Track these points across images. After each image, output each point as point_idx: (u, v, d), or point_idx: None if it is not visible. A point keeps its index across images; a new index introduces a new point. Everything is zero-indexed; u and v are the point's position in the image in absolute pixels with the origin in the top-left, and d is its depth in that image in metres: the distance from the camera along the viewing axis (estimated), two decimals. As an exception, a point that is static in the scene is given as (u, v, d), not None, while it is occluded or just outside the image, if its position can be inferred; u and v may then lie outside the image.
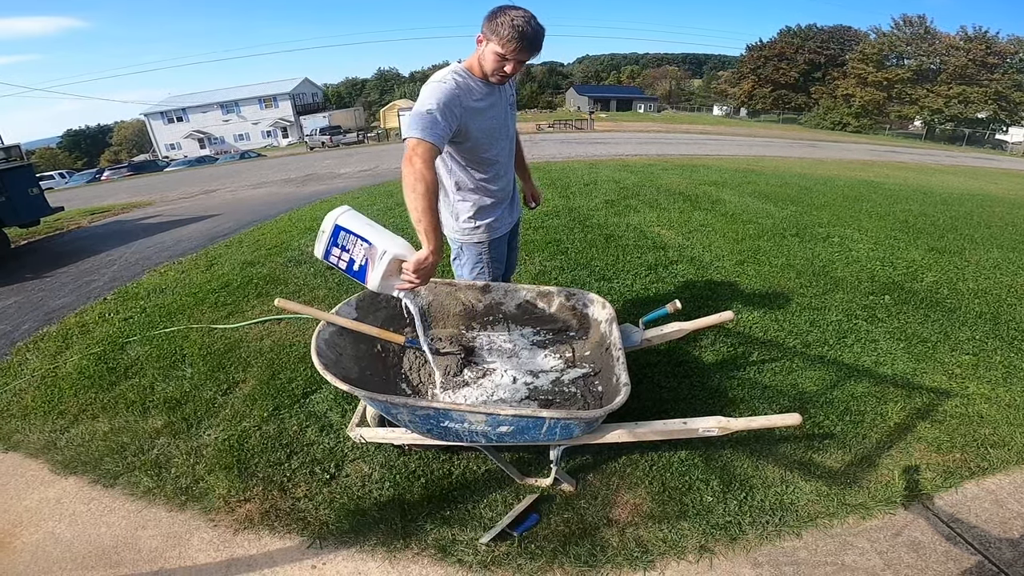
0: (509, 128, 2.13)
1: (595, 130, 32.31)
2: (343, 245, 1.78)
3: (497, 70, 1.83)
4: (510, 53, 1.77)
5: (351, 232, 1.76)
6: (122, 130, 72.47)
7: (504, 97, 2.04)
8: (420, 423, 1.77)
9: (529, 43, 1.76)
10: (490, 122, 1.98)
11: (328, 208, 2.04)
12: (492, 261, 2.27)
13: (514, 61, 1.80)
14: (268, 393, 2.73)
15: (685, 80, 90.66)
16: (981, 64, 40.09)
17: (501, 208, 2.19)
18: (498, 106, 2.00)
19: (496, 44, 1.76)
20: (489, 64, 1.83)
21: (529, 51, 1.79)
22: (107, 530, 2.01)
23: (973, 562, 1.75)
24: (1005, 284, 4.03)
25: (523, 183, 2.54)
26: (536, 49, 1.80)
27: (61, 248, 7.18)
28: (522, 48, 1.76)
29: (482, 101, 1.91)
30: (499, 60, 1.80)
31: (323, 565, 1.81)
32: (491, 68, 1.83)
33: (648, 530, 1.87)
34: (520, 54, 1.78)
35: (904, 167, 15.66)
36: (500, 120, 2.03)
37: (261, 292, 4.15)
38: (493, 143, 2.03)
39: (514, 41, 1.74)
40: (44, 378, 3.10)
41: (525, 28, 1.73)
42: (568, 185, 7.97)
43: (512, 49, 1.75)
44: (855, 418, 2.42)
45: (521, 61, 1.82)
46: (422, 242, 1.67)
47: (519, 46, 1.75)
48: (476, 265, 2.27)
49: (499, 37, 1.74)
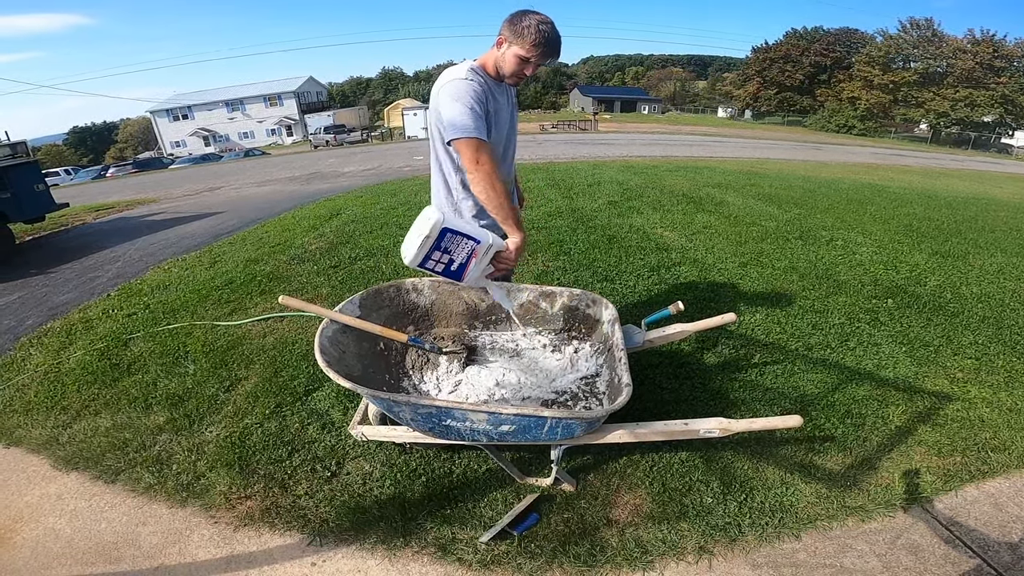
0: (514, 129, 2.15)
1: (599, 131, 32.31)
2: (446, 248, 1.79)
3: (517, 72, 1.87)
4: (535, 57, 1.82)
5: (458, 232, 1.78)
6: (127, 127, 72.61)
7: (510, 98, 2.07)
8: (422, 421, 1.78)
9: (552, 47, 1.81)
10: (503, 121, 2.00)
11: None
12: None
13: (535, 64, 1.85)
14: (270, 390, 2.74)
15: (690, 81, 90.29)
16: (988, 67, 39.86)
17: None
18: (507, 107, 2.03)
19: (519, 47, 1.80)
20: (509, 66, 1.86)
21: (552, 55, 1.84)
22: (107, 526, 2.02)
23: (972, 565, 1.75)
24: (1009, 289, 4.01)
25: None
26: (558, 54, 1.85)
27: (66, 244, 7.21)
28: (546, 52, 1.81)
29: (497, 101, 1.94)
30: (521, 63, 1.84)
31: (323, 563, 1.81)
32: (511, 70, 1.87)
33: (648, 530, 1.87)
34: (543, 58, 1.83)
35: (909, 170, 15.61)
36: (508, 121, 2.06)
37: (264, 289, 4.17)
38: (501, 142, 2.06)
39: (540, 46, 1.79)
40: (47, 373, 3.12)
41: (550, 33, 1.78)
42: (571, 186, 7.97)
43: (538, 53, 1.80)
44: (856, 421, 2.42)
45: (540, 64, 1.86)
46: (510, 232, 1.86)
47: (544, 51, 1.80)
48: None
49: (524, 40, 1.79)
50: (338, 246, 5.26)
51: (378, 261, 4.67)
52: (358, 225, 6.10)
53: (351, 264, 4.67)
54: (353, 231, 5.85)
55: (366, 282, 4.13)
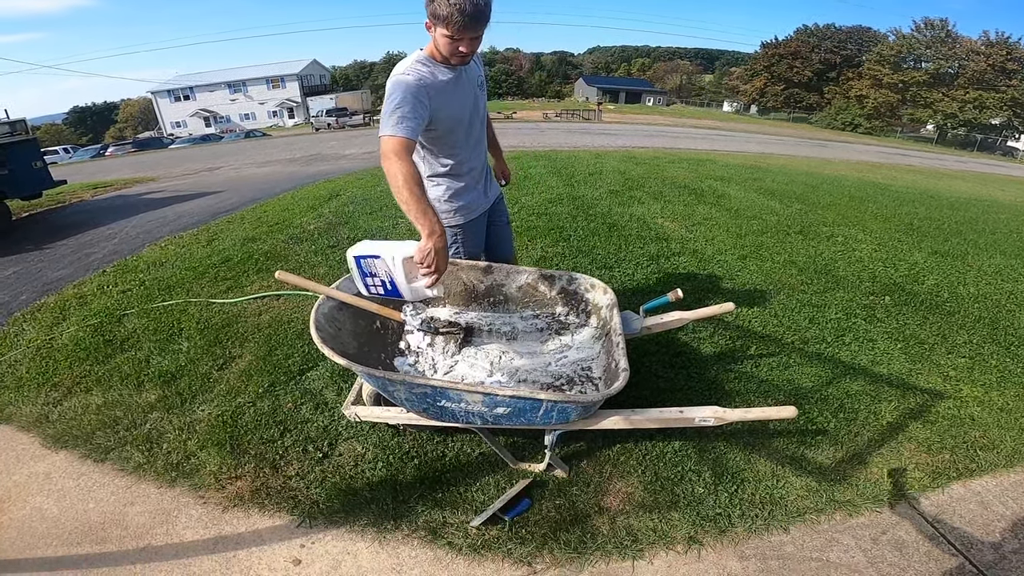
0: (480, 110, 2.11)
1: (602, 121, 32.11)
2: (368, 271, 1.82)
3: (452, 52, 1.79)
4: (456, 33, 1.71)
5: (365, 256, 1.79)
6: (128, 107, 72.07)
7: (471, 78, 2.01)
8: (417, 401, 1.77)
9: (472, 18, 1.68)
10: (459, 105, 1.96)
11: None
12: (467, 243, 2.28)
13: (466, 39, 1.75)
14: (264, 369, 2.73)
15: (696, 75, 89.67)
16: (1000, 70, 39.64)
17: (474, 191, 2.20)
18: (465, 88, 1.97)
19: (441, 27, 1.71)
20: (443, 48, 1.79)
21: (475, 26, 1.72)
22: (95, 506, 2.01)
23: (954, 564, 1.75)
24: (1006, 290, 4.01)
25: (495, 160, 2.53)
26: (482, 20, 1.72)
27: (62, 221, 7.16)
28: (466, 25, 1.69)
29: (448, 85, 1.88)
30: (450, 42, 1.75)
31: (312, 544, 1.81)
32: (447, 52, 1.79)
33: (639, 519, 1.88)
34: (466, 31, 1.72)
35: (913, 170, 15.55)
36: (469, 102, 2.01)
37: (261, 268, 4.15)
38: (463, 126, 2.02)
39: (457, 22, 1.67)
40: (40, 349, 3.10)
41: (463, 4, 1.65)
42: (573, 174, 7.92)
43: (457, 29, 1.69)
44: (848, 415, 2.42)
45: (473, 38, 1.77)
46: (422, 231, 1.63)
47: (464, 23, 1.68)
48: (451, 246, 2.26)
49: (440, 19, 1.69)
50: (337, 227, 5.24)
51: (376, 244, 4.63)
52: (358, 206, 6.07)
53: (350, 245, 4.62)
54: (352, 212, 5.82)
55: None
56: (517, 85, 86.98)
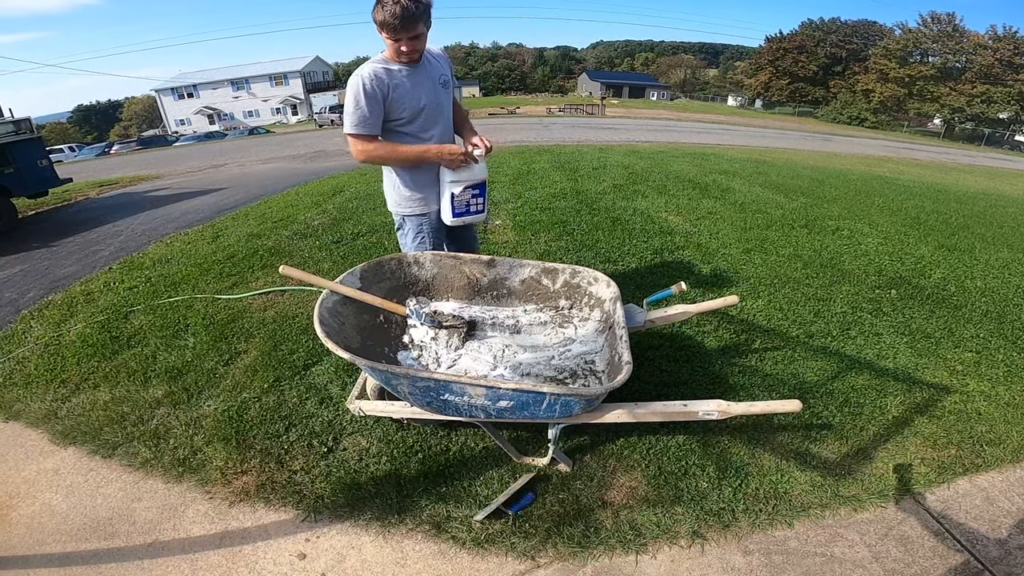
0: (442, 104, 2.22)
1: (606, 116, 31.98)
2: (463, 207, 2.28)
3: (397, 51, 1.98)
4: (393, 35, 1.92)
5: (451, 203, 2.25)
6: (132, 105, 72.32)
7: (430, 75, 2.14)
8: (420, 395, 1.77)
9: (404, 22, 1.87)
10: (415, 98, 2.09)
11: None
12: (433, 232, 2.38)
13: (404, 39, 1.93)
14: (269, 364, 2.74)
15: (700, 69, 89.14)
16: (1008, 64, 39.23)
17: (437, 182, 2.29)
18: (424, 84, 2.12)
19: (382, 31, 1.93)
20: (391, 50, 2.00)
21: (410, 27, 1.90)
22: (103, 501, 2.02)
23: (959, 560, 1.75)
24: (1013, 284, 3.98)
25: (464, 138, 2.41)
26: (415, 20, 1.90)
27: (69, 219, 7.21)
28: (401, 27, 1.88)
29: (405, 82, 2.05)
30: (392, 43, 1.96)
31: (317, 539, 1.82)
32: (395, 53, 2.00)
33: (642, 513, 1.88)
34: (401, 33, 1.91)
35: (920, 164, 15.44)
36: (429, 97, 2.14)
37: (266, 264, 4.16)
38: (420, 119, 2.15)
39: (390, 27, 1.88)
40: (47, 346, 3.12)
41: (395, 10, 1.84)
42: (576, 168, 7.90)
43: (393, 31, 1.90)
44: (854, 410, 2.41)
45: (411, 38, 1.94)
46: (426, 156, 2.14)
47: (397, 26, 1.88)
48: (417, 235, 2.38)
49: (379, 24, 1.91)
50: (341, 222, 5.25)
51: (380, 237, 4.66)
52: (361, 202, 6.07)
53: (353, 240, 4.66)
54: (356, 208, 5.82)
55: (368, 257, 4.04)
56: (520, 80, 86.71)
